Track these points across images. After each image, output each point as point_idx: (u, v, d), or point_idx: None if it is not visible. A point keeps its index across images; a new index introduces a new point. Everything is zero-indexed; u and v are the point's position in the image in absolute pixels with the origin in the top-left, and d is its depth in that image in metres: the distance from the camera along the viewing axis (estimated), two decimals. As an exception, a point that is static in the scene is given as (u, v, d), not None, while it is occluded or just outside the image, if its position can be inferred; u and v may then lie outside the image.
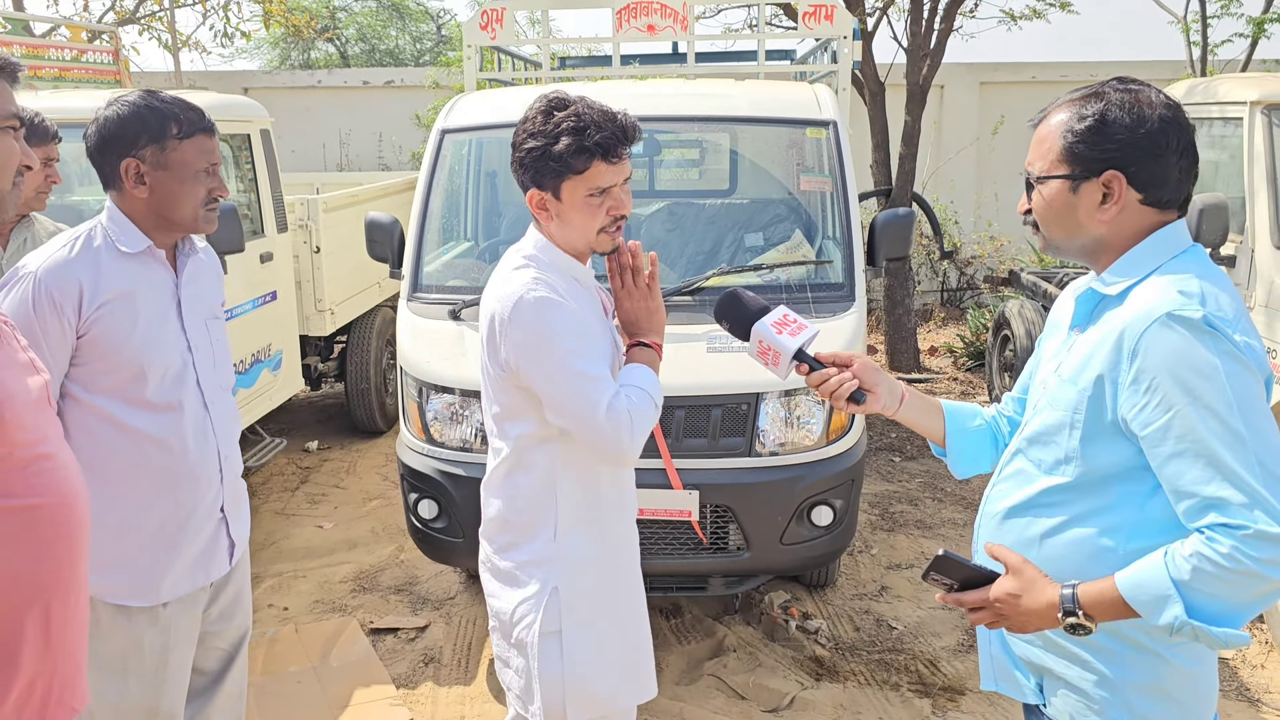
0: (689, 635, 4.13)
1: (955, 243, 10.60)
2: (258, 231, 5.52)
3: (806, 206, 4.43)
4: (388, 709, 3.66)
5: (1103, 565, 1.61)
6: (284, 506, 5.67)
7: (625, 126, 2.03)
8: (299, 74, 13.46)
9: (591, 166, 2.00)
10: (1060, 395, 1.68)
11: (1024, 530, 1.73)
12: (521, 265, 2.09)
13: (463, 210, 4.71)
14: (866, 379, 1.91)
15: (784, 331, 1.94)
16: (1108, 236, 1.65)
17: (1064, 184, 1.65)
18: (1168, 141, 1.59)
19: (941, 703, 3.67)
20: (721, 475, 3.60)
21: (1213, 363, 1.48)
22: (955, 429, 1.99)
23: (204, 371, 2.30)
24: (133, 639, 2.25)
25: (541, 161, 2.01)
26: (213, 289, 2.42)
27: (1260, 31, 8.69)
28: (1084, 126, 1.62)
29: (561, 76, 7.22)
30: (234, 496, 2.41)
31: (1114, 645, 1.63)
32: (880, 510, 5.41)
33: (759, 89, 4.80)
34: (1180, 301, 1.52)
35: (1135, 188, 1.61)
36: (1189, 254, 1.63)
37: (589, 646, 2.17)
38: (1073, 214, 1.65)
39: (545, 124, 2.01)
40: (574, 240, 2.10)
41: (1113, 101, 1.61)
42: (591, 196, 2.03)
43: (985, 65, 11.17)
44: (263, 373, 5.48)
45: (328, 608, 4.45)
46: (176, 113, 2.18)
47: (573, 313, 2.05)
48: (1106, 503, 1.63)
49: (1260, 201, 4.40)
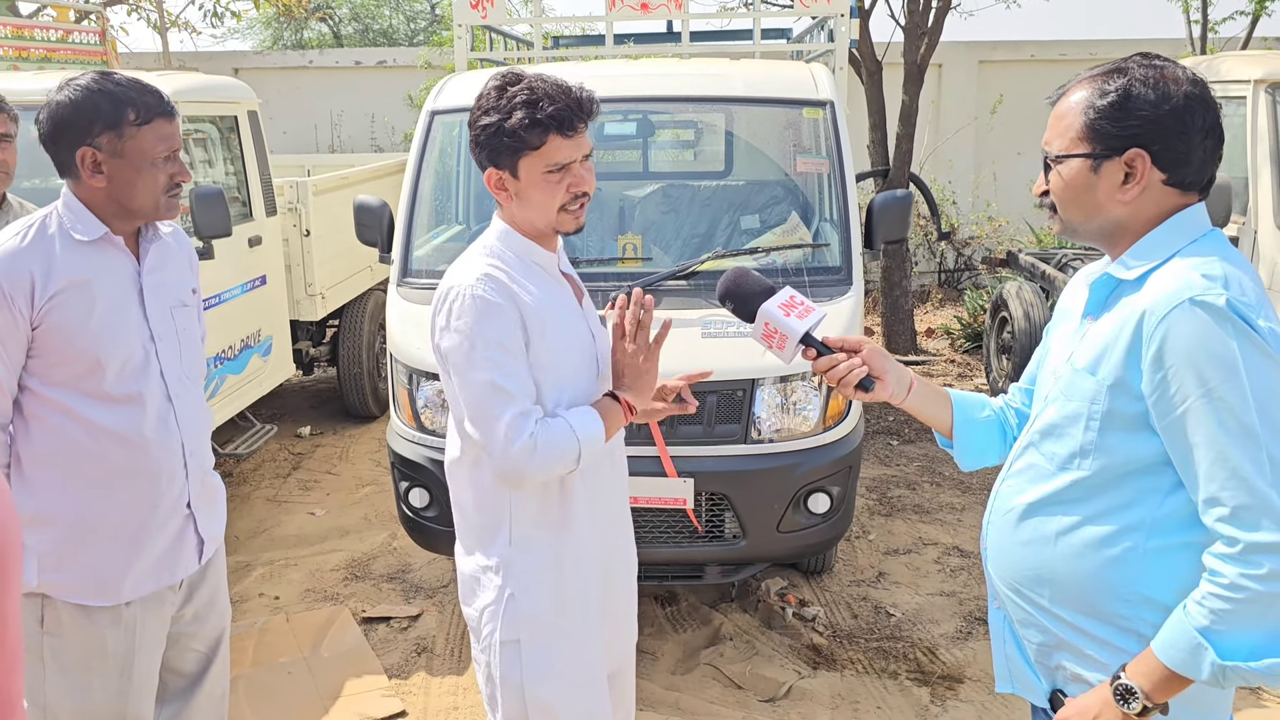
0: (685, 624, 4.09)
1: (953, 224, 10.53)
2: (246, 215, 5.44)
3: (803, 188, 4.36)
4: (380, 699, 3.62)
5: (1124, 566, 1.56)
6: (275, 493, 5.61)
7: (581, 99, 1.94)
8: (290, 54, 13.30)
9: (547, 141, 1.92)
10: (1076, 385, 1.62)
11: (1038, 529, 1.67)
12: (478, 255, 2.02)
13: (453, 193, 4.63)
14: (875, 365, 1.83)
15: (791, 314, 1.84)
16: (1127, 219, 1.59)
17: (1084, 163, 1.58)
18: (1193, 119, 1.53)
19: (940, 691, 3.63)
20: (717, 463, 3.55)
21: (1233, 353, 1.43)
22: (963, 420, 1.92)
23: (168, 362, 2.20)
24: (94, 640, 2.17)
25: (496, 138, 1.93)
26: (182, 275, 2.31)
27: (1261, 9, 8.60)
28: (1106, 102, 1.55)
29: (554, 56, 7.12)
30: (203, 492, 2.31)
31: (1132, 646, 1.58)
32: (878, 495, 5.36)
33: (755, 69, 4.72)
34: (1204, 286, 1.47)
35: (1159, 167, 1.55)
36: (1209, 237, 1.57)
37: (547, 659, 2.08)
38: (1093, 194, 1.59)
39: (499, 100, 1.93)
40: (535, 221, 2.01)
41: (1136, 77, 1.55)
42: (550, 173, 1.95)
43: (984, 44, 11.07)
44: (252, 358, 5.41)
45: (319, 596, 4.40)
46: (133, 97, 2.07)
47: (508, 321, 1.93)
48: (1125, 499, 1.58)
49: (1264, 182, 4.34)
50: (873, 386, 1.83)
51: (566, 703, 2.11)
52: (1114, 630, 1.60)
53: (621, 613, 2.28)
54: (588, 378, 2.10)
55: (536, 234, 2.05)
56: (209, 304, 4.89)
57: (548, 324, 1.99)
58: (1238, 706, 3.53)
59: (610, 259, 4.00)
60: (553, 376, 2.01)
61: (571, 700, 2.12)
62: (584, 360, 2.09)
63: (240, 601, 4.37)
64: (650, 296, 2.16)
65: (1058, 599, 1.65)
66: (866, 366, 1.81)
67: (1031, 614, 1.70)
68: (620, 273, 3.89)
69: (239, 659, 3.86)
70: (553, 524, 2.08)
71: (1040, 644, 1.71)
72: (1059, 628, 1.66)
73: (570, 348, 2.04)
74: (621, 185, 4.85)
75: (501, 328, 1.93)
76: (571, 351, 2.04)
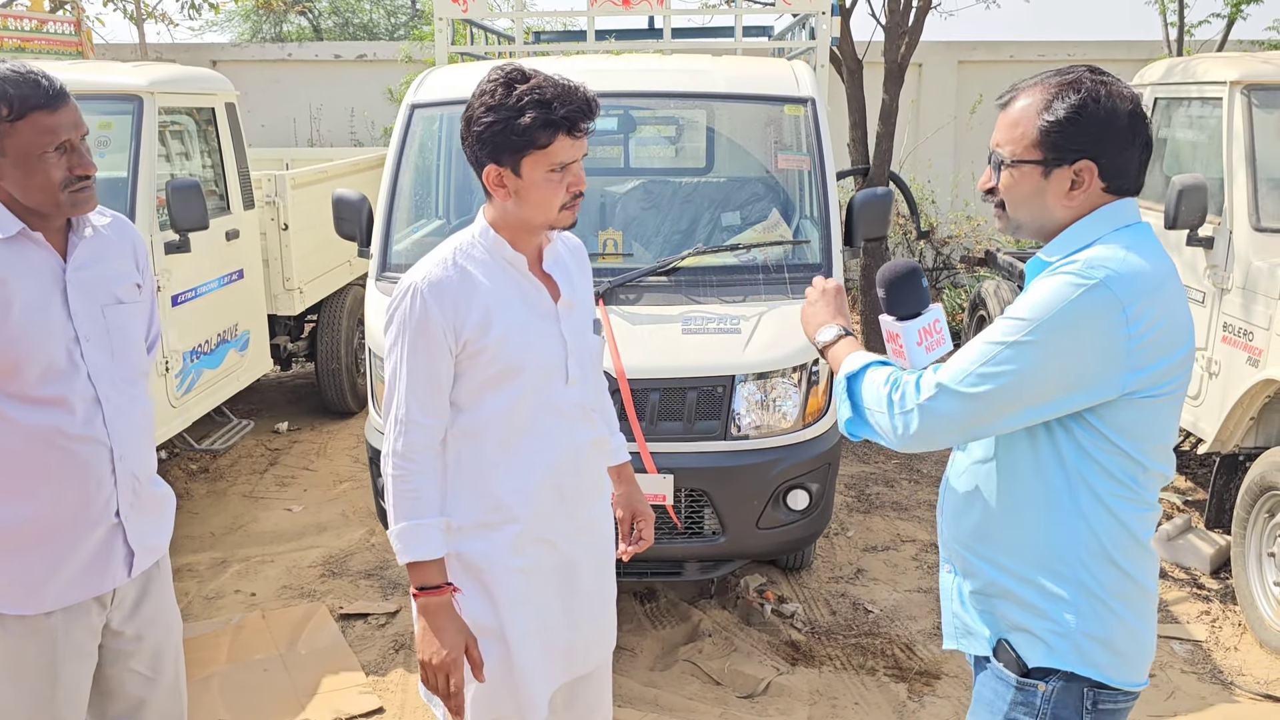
0: (664, 620, 4.09)
1: (932, 222, 10.57)
2: (223, 208, 5.39)
3: (784, 185, 4.37)
4: (357, 696, 3.60)
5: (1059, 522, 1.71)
6: (252, 489, 5.57)
7: (589, 100, 1.95)
8: (268, 47, 13.22)
9: (555, 141, 1.92)
10: None
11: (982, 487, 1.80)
12: (444, 250, 2.03)
13: (433, 187, 4.61)
14: None
15: (925, 342, 1.87)
16: (1067, 218, 1.72)
17: (1036, 169, 1.70)
18: (1135, 135, 1.67)
19: (918, 687, 3.65)
20: (696, 459, 3.55)
21: (1066, 301, 1.59)
22: None
23: (97, 363, 2.07)
24: (13, 649, 2.06)
25: (503, 136, 1.91)
26: (121, 270, 2.17)
27: (1237, 12, 8.67)
28: (1062, 116, 1.66)
29: (535, 51, 7.09)
30: (138, 501, 2.17)
31: (1073, 597, 1.70)
32: (856, 492, 5.38)
33: (736, 65, 4.71)
34: (1090, 262, 1.62)
35: (1102, 177, 1.68)
36: (1129, 229, 1.69)
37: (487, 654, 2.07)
38: (1041, 199, 1.71)
39: (506, 97, 1.91)
40: (532, 218, 1.99)
41: (1090, 93, 1.66)
42: (553, 172, 1.94)
43: (963, 44, 11.11)
44: (230, 353, 5.37)
45: (296, 593, 4.37)
46: (6, 91, 1.91)
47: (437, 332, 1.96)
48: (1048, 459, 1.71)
49: (1239, 183, 4.37)
50: None
51: (496, 703, 2.10)
52: (1055, 578, 1.71)
53: (590, 618, 2.23)
54: (554, 383, 2.07)
55: (525, 231, 2.03)
56: (185, 298, 4.85)
57: (493, 321, 1.97)
58: (1211, 702, 3.57)
59: (591, 254, 3.97)
60: (500, 374, 2.00)
61: (500, 702, 2.10)
62: (546, 363, 2.06)
63: (216, 598, 4.33)
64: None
65: (1003, 550, 1.76)
66: None
67: (975, 564, 1.81)
68: (601, 268, 3.88)
69: (214, 656, 3.83)
70: (489, 525, 2.07)
71: (985, 593, 1.81)
72: (1003, 578, 1.76)
73: (523, 348, 2.02)
74: (603, 181, 4.84)
75: (425, 334, 1.97)
76: (526, 352, 2.02)
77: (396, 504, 2.01)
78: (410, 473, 2.00)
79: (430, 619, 2.00)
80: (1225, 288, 4.32)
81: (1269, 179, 4.44)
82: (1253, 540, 4.00)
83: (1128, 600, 1.71)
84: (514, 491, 2.05)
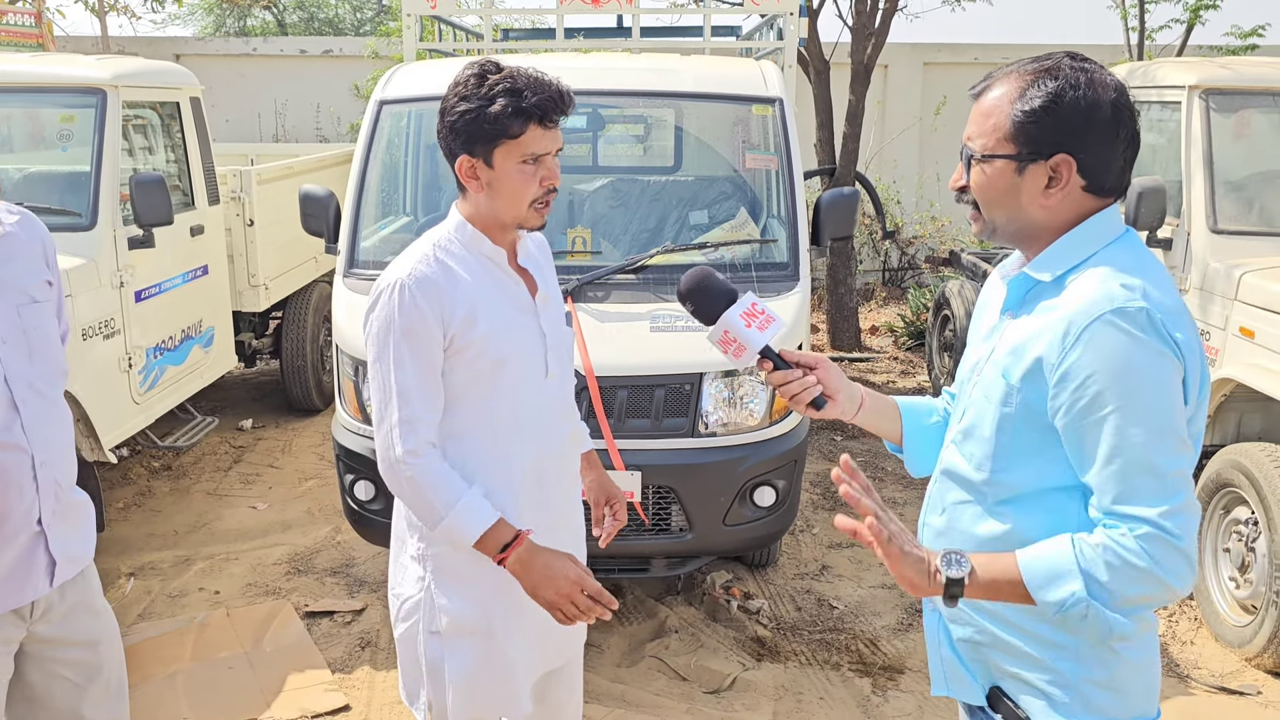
0: (631, 617, 4.11)
1: (897, 223, 10.67)
2: (188, 204, 5.35)
3: (751, 184, 4.39)
4: (323, 694, 3.58)
5: None
6: (216, 487, 5.52)
7: (562, 92, 1.95)
8: (233, 41, 13.07)
9: (527, 131, 1.91)
10: (994, 386, 1.60)
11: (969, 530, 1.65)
12: (423, 246, 2.00)
13: (401, 184, 4.59)
14: (829, 384, 1.80)
15: (752, 325, 1.79)
16: (1044, 221, 1.57)
17: (1009, 164, 1.54)
18: (1119, 129, 1.52)
19: (881, 682, 3.69)
20: (664, 456, 3.56)
21: (1146, 366, 1.44)
22: (912, 429, 1.90)
23: (14, 365, 1.99)
24: None
25: (475, 125, 1.91)
26: (31, 269, 2.09)
27: (1196, 18, 8.82)
28: (1037, 105, 1.51)
29: (504, 48, 7.08)
30: (59, 508, 2.09)
31: (1072, 643, 1.57)
32: (822, 489, 5.42)
33: (704, 64, 4.74)
34: (1124, 296, 1.46)
35: (1082, 174, 1.53)
36: (1123, 240, 1.57)
37: (467, 654, 2.07)
38: (1015, 196, 1.56)
39: (479, 87, 1.91)
40: (502, 213, 1.99)
41: (1069, 82, 1.51)
42: (525, 164, 1.94)
43: (929, 46, 11.22)
44: (193, 349, 5.32)
45: (261, 591, 4.35)
46: None
47: (427, 325, 1.93)
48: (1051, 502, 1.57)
49: (1196, 185, 4.46)
50: (825, 405, 1.80)
51: (480, 701, 2.10)
52: (1049, 625, 1.57)
53: None
54: (534, 376, 2.07)
55: (497, 226, 2.02)
56: (148, 293, 4.80)
57: (478, 317, 1.96)
58: (1167, 695, 3.64)
59: (559, 252, 3.99)
60: (486, 369, 1.99)
61: (485, 698, 2.10)
62: (528, 357, 2.06)
63: (179, 596, 4.29)
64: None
65: None
66: (821, 385, 1.79)
67: (966, 613, 1.67)
68: (569, 265, 3.89)
69: (177, 655, 3.80)
70: None
71: (976, 641, 1.68)
72: (995, 625, 1.64)
73: (508, 342, 2.01)
74: (571, 179, 4.84)
75: (416, 330, 1.94)
76: (510, 345, 2.02)
77: (433, 497, 1.95)
78: (428, 466, 1.96)
79: (527, 570, 1.97)
80: (1183, 289, 4.40)
81: (1226, 182, 4.53)
82: (1208, 536, 4.09)
83: (1128, 639, 1.56)
84: (498, 486, 2.05)
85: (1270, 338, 3.93)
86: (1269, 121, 4.77)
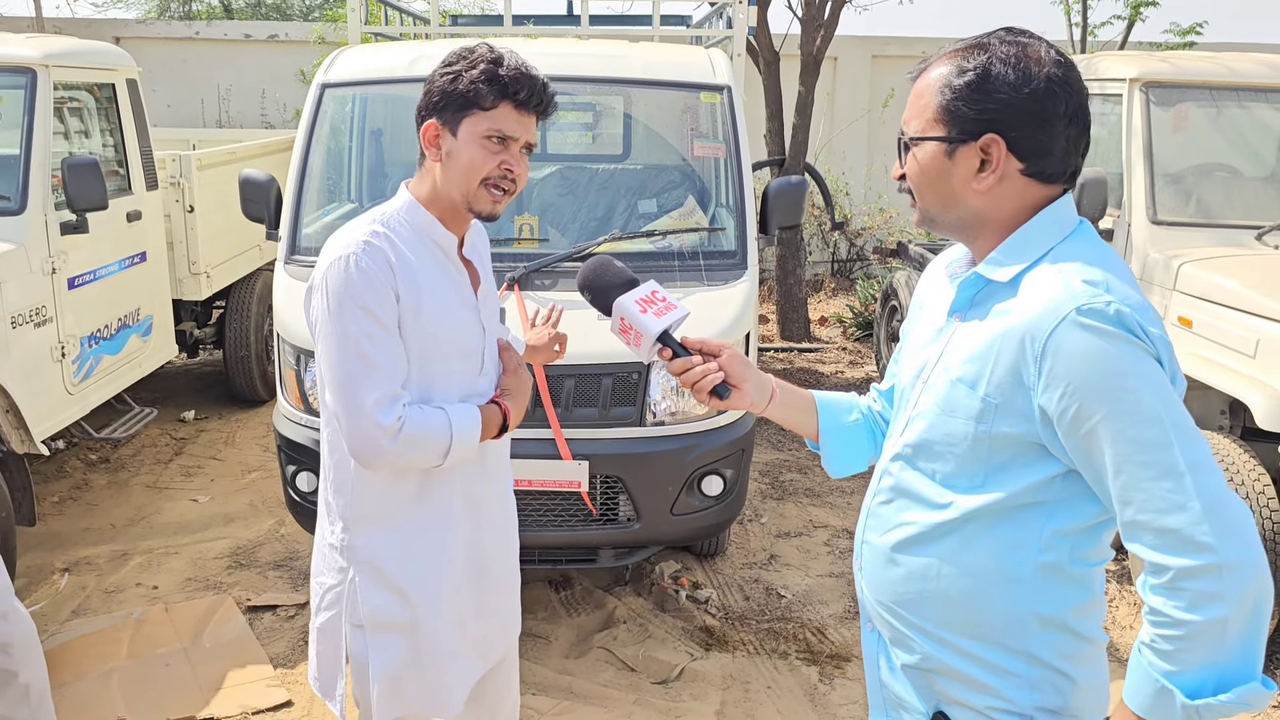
0: (578, 608, 4.08)
1: (846, 214, 10.74)
2: (124, 189, 5.21)
3: (700, 173, 4.38)
4: (264, 689, 3.51)
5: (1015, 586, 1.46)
6: (156, 480, 5.40)
7: (544, 84, 1.92)
8: (175, 24, 12.76)
9: (499, 107, 1.87)
10: (955, 400, 1.47)
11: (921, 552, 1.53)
12: (370, 221, 1.92)
13: (345, 169, 4.51)
14: (733, 372, 1.69)
15: (648, 310, 1.71)
16: (986, 211, 1.46)
17: (939, 147, 1.44)
18: (1055, 105, 1.39)
19: (829, 670, 3.71)
20: (611, 445, 3.54)
21: (1125, 367, 1.33)
22: (829, 426, 1.79)
23: None
24: None
25: (450, 89, 1.87)
26: None
27: (1136, 14, 8.98)
28: (963, 82, 1.41)
29: (451, 34, 6.99)
30: None
31: (1025, 670, 1.48)
32: (770, 479, 5.44)
33: (653, 51, 4.71)
34: (1087, 293, 1.35)
35: (1016, 155, 1.41)
36: (1079, 234, 1.46)
37: (391, 650, 2.02)
38: (947, 182, 1.45)
39: (465, 58, 1.89)
40: (452, 189, 1.91)
41: (998, 55, 1.40)
42: (489, 139, 1.88)
43: (877, 39, 11.29)
44: (131, 338, 5.19)
45: (201, 585, 4.25)
46: None
47: (382, 291, 1.83)
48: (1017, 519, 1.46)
49: (1137, 177, 4.53)
50: (728, 394, 1.69)
51: (407, 698, 2.05)
52: (1003, 652, 1.48)
53: (501, 608, 2.19)
54: (470, 372, 2.01)
55: (449, 210, 1.95)
56: (83, 280, 4.68)
57: (423, 305, 1.89)
58: (1106, 678, 3.69)
59: (506, 239, 3.95)
60: (426, 363, 1.92)
61: (412, 696, 2.05)
62: (468, 352, 2.00)
63: (116, 592, 4.19)
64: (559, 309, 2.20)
65: (943, 621, 1.52)
66: (723, 373, 1.68)
67: (910, 636, 1.56)
68: (516, 253, 3.85)
69: (113, 652, 3.70)
70: (402, 508, 1.99)
71: (919, 666, 1.57)
72: (942, 651, 1.53)
73: (451, 336, 1.95)
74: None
75: (374, 296, 1.83)
76: (452, 340, 1.96)
77: (433, 437, 1.88)
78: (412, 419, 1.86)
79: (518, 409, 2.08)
80: (1123, 279, 4.47)
81: (1165, 174, 4.61)
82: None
83: (1079, 660, 1.48)
84: (423, 482, 2.00)
85: (1207, 327, 4.00)
86: (1206, 115, 4.87)
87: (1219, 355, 3.92)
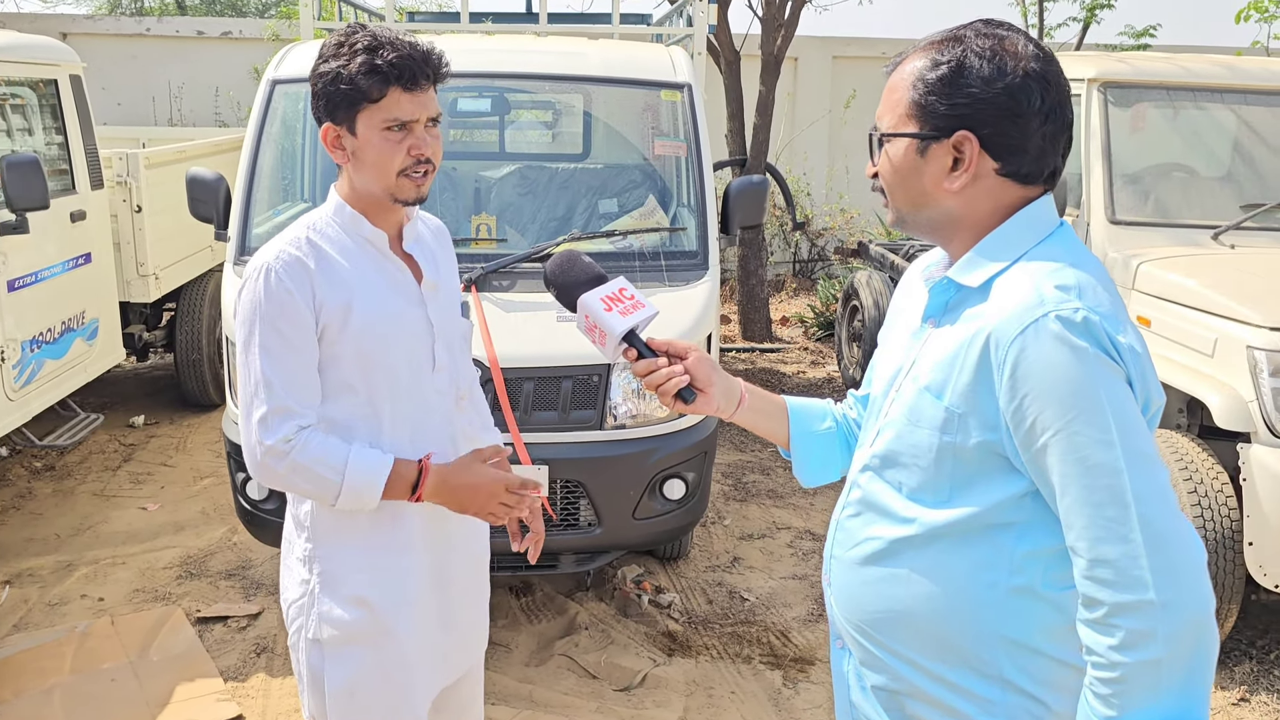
0: (540, 614, 4.01)
1: (807, 214, 10.75)
2: (68, 188, 5.06)
3: (661, 172, 4.33)
4: (214, 704, 3.41)
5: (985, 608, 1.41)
6: (103, 487, 5.25)
7: (428, 54, 1.82)
8: (125, 21, 12.51)
9: (388, 94, 1.79)
10: (921, 409, 1.41)
11: (890, 567, 1.47)
12: (297, 229, 1.87)
13: (298, 168, 4.40)
14: (699, 376, 1.62)
15: (614, 309, 1.64)
16: (960, 211, 1.40)
17: (911, 144, 1.39)
18: (1030, 101, 1.33)
19: (792, 674, 3.67)
20: (572, 449, 3.48)
21: (1090, 379, 1.26)
22: (800, 433, 1.73)
23: None
24: None
25: (334, 86, 1.79)
26: None
27: (1091, 16, 9.07)
28: (936, 76, 1.36)
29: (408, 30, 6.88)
30: None
31: (999, 696, 1.42)
32: (733, 480, 5.40)
33: (613, 49, 4.65)
34: (1057, 299, 1.29)
35: (990, 154, 1.36)
36: (1057, 236, 1.39)
37: (350, 664, 1.95)
38: (919, 180, 1.40)
39: (340, 48, 1.80)
40: (372, 186, 1.85)
41: (973, 48, 1.35)
42: (389, 130, 1.81)
43: (838, 39, 11.31)
44: (75, 342, 5.04)
45: (149, 596, 4.13)
46: None
47: (295, 310, 1.79)
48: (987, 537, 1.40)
49: (1095, 177, 4.54)
50: (693, 398, 1.63)
51: (364, 714, 1.98)
52: (975, 676, 1.42)
53: (465, 621, 2.12)
54: (418, 369, 1.94)
55: (374, 205, 1.89)
56: (23, 282, 4.53)
57: (354, 306, 1.84)
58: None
59: (464, 239, 3.87)
60: (367, 362, 1.87)
61: (371, 711, 1.98)
62: (413, 348, 1.93)
63: (60, 605, 4.05)
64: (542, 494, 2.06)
65: (913, 643, 1.46)
66: (689, 376, 1.62)
67: (880, 657, 1.50)
68: (474, 254, 3.78)
69: (56, 667, 3.58)
70: (365, 517, 1.92)
71: (890, 689, 1.51)
72: (913, 674, 1.47)
73: (389, 333, 1.89)
74: (477, 165, 4.72)
75: (285, 315, 1.80)
76: (393, 337, 1.89)
77: (322, 471, 1.80)
78: (305, 442, 1.80)
79: (447, 495, 1.89)
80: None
81: (1123, 174, 4.63)
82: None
83: (1057, 686, 1.41)
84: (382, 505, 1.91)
85: (1166, 326, 4.01)
86: (1164, 115, 4.89)
87: (1177, 354, 3.93)
